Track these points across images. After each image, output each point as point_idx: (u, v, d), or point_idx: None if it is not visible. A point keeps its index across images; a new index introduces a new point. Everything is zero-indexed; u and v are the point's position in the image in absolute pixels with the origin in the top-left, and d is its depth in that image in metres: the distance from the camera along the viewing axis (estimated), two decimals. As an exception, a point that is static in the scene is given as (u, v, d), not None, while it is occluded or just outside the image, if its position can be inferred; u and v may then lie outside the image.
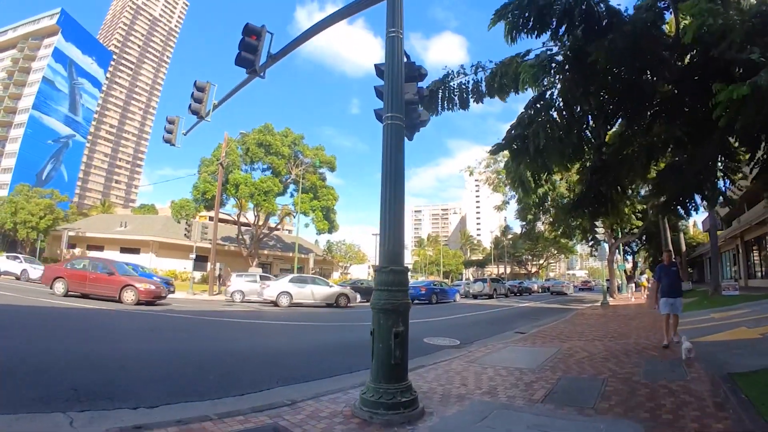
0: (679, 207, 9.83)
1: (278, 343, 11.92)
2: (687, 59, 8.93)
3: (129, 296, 17.98)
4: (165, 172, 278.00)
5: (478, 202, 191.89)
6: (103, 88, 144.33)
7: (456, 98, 9.68)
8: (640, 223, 37.87)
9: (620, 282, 41.08)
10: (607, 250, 30.38)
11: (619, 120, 10.26)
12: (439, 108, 9.74)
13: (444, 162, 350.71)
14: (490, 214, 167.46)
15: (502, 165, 32.81)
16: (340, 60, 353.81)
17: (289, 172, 46.14)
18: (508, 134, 8.59)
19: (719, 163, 9.12)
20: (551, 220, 37.47)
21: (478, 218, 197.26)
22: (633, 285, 35.30)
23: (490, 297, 38.46)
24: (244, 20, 9.58)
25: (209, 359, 8.63)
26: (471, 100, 9.59)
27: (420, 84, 7.14)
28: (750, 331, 10.68)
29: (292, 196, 48.67)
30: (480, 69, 9.35)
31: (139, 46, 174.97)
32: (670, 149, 9.60)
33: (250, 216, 49.02)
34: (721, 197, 9.26)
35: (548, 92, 8.41)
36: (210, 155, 44.56)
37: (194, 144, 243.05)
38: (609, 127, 10.46)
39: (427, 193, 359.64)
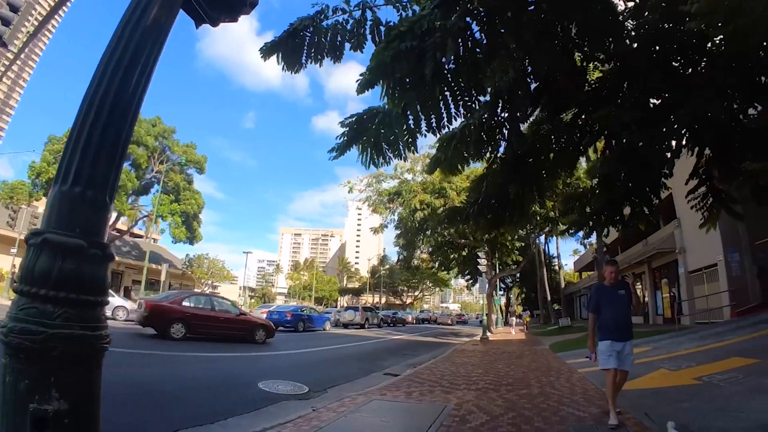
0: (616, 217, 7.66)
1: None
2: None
3: (261, 335, 17.11)
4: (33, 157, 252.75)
5: (359, 230, 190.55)
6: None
7: (327, 44, 6.45)
8: (520, 258, 37.26)
9: (496, 316, 40.66)
10: (487, 283, 28.51)
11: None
12: (304, 57, 6.50)
13: (330, 188, 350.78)
14: (370, 243, 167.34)
15: (384, 185, 30.25)
16: (243, 71, 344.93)
17: (152, 167, 40.49)
18: (387, 36, 5.40)
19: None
20: (430, 249, 35.54)
21: (357, 246, 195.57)
22: (514, 319, 35.65)
23: (362, 327, 35.17)
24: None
25: None
26: (348, 48, 6.50)
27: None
28: (678, 375, 8.76)
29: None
30: (368, 8, 6.29)
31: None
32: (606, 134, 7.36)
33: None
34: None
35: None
36: (63, 134, 37.07)
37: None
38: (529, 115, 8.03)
39: (310, 218, 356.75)
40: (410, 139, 6.10)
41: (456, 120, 6.19)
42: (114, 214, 40.62)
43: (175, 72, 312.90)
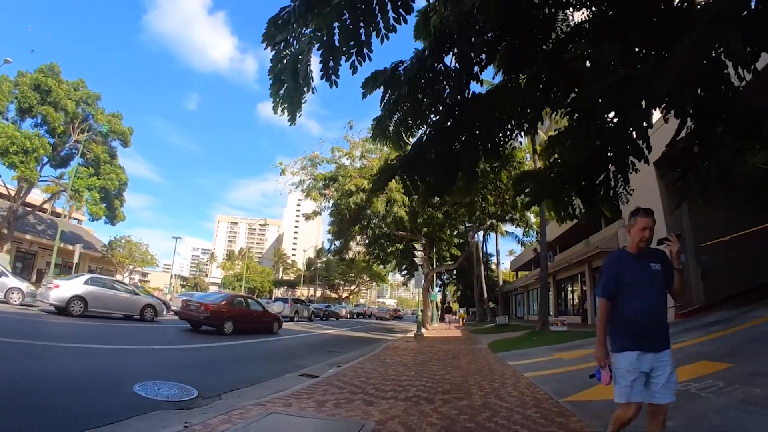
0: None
1: None
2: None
3: (276, 327, 20.72)
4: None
5: (297, 221, 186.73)
6: None
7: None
8: (459, 253, 36.34)
9: (431, 312, 40.01)
10: (423, 277, 26.78)
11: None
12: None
13: (271, 177, 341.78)
14: (309, 235, 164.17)
15: (320, 169, 28.28)
16: (190, 49, 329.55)
17: (71, 136, 36.36)
18: None
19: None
20: (366, 241, 33.98)
21: (295, 238, 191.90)
22: (450, 316, 39.23)
23: (291, 320, 33.05)
24: None
25: None
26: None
27: None
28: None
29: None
30: None
31: None
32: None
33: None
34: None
35: None
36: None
37: None
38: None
39: (249, 207, 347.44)
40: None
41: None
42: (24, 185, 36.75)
43: (117, 44, 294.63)
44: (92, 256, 50.00)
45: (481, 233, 49.11)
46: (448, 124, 5.80)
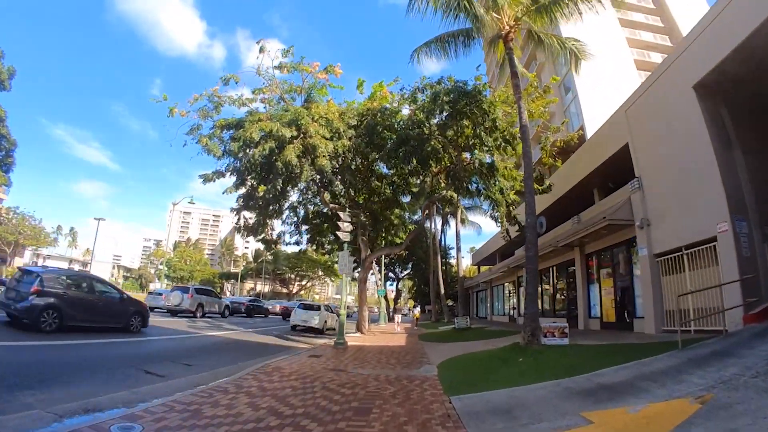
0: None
1: None
2: None
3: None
4: None
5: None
6: None
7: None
8: (403, 236, 29.64)
9: (378, 310, 34.15)
10: (349, 260, 17.63)
11: None
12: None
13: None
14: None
15: (220, 116, 19.99)
16: (157, 32, 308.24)
17: None
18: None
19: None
20: (295, 219, 26.77)
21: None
22: (399, 315, 35.09)
23: (193, 315, 25.32)
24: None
25: None
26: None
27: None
28: None
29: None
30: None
31: None
32: None
33: None
34: None
35: None
36: None
37: None
38: None
39: (210, 200, 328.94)
40: None
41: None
42: None
43: (77, 19, 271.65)
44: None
45: (439, 222, 43.02)
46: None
